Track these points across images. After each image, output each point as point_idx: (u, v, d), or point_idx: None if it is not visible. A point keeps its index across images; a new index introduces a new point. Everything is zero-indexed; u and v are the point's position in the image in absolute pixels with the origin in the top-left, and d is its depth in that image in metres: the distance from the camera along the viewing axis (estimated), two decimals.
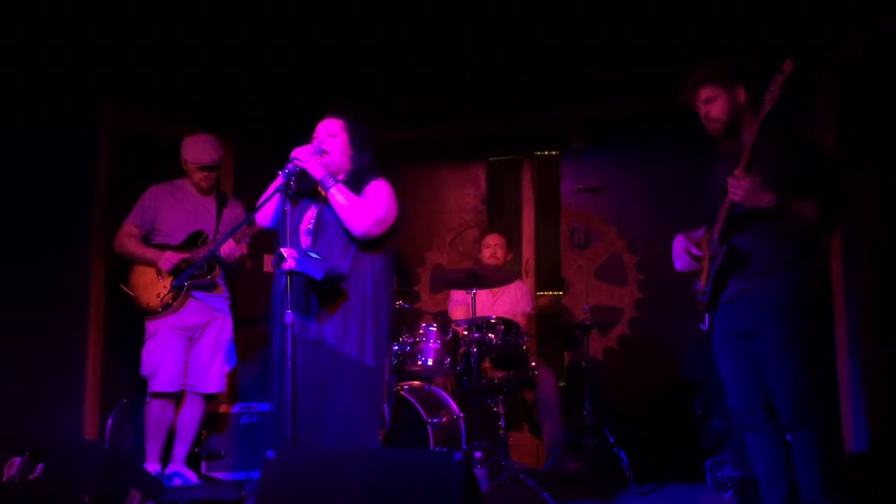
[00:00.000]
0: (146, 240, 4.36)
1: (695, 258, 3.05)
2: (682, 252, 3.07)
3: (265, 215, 3.39)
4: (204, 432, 4.65)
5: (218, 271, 4.39)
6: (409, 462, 2.59)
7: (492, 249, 5.11)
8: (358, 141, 3.43)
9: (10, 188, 4.42)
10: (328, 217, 3.31)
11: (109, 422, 4.61)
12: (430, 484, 2.50)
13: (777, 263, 2.86)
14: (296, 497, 2.57)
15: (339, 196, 3.26)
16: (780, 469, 2.90)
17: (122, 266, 4.38)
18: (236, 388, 5.37)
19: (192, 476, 4.37)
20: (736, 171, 2.80)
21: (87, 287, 4.75)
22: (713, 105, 3.01)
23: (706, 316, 3.03)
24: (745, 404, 2.98)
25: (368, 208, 3.28)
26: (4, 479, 2.94)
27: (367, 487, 2.52)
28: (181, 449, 4.38)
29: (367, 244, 3.30)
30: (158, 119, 5.11)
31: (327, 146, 3.37)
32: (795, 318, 2.81)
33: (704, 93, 3.01)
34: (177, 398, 4.35)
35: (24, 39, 4.33)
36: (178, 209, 4.37)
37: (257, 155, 5.33)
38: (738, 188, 2.78)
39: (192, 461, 4.53)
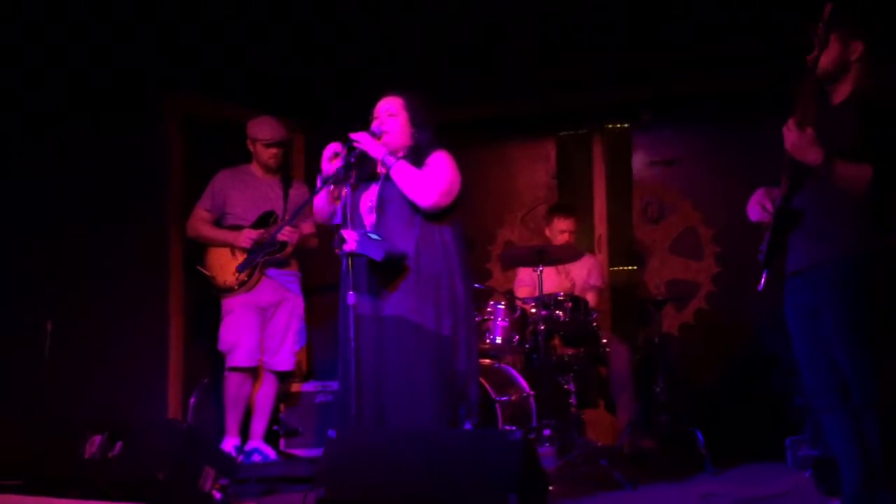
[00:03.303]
0: (218, 223, 4.48)
1: (766, 211, 2.95)
2: (755, 204, 2.98)
3: (321, 209, 3.43)
4: (282, 407, 4.77)
5: (290, 248, 4.47)
6: (468, 442, 2.61)
7: (566, 235, 4.98)
8: (418, 118, 3.42)
9: (88, 180, 4.60)
10: (389, 193, 3.32)
11: (192, 401, 4.79)
12: (489, 463, 2.52)
13: (834, 230, 2.74)
14: (356, 476, 2.62)
15: (401, 172, 3.27)
16: (856, 450, 2.79)
17: (198, 248, 4.51)
18: (312, 366, 5.50)
19: (271, 453, 4.49)
20: (789, 122, 2.70)
21: (166, 270, 4.91)
22: (825, 53, 2.88)
23: (764, 274, 2.93)
24: (818, 385, 2.88)
25: (433, 180, 3.26)
26: (86, 455, 3.07)
27: (425, 467, 2.55)
28: (259, 426, 4.50)
29: (433, 216, 3.30)
30: (230, 104, 5.20)
31: (386, 126, 3.37)
32: (861, 297, 2.69)
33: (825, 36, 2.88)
34: (254, 374, 4.47)
35: (73, 35, 4.46)
36: (246, 192, 4.48)
37: (328, 138, 5.39)
38: (787, 139, 2.70)
39: (272, 439, 4.66)
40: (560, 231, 4.99)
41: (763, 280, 2.93)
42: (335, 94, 5.49)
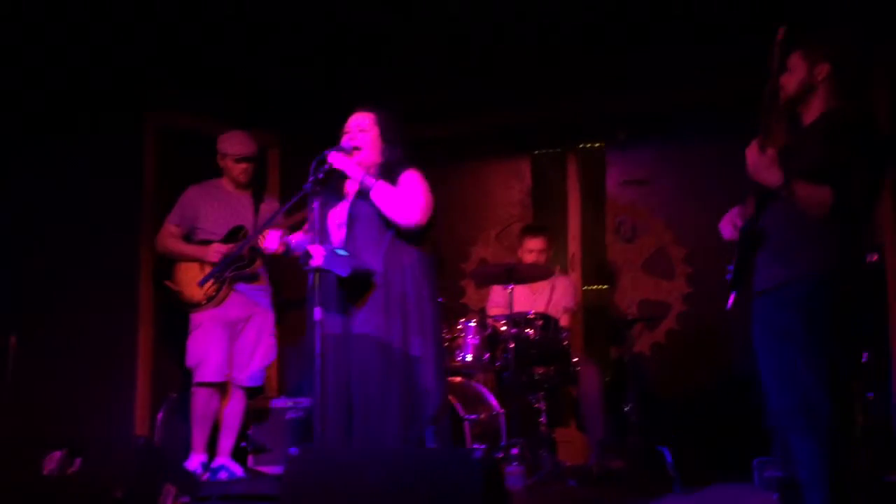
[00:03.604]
0: (188, 238, 4.46)
1: (737, 229, 2.96)
2: (727, 222, 2.99)
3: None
4: (251, 426, 4.72)
5: (259, 262, 4.44)
6: (430, 460, 2.59)
7: (535, 255, 4.99)
8: (389, 135, 3.43)
9: (60, 188, 4.56)
10: (360, 211, 3.33)
11: (160, 416, 4.73)
12: (450, 482, 2.50)
13: (800, 250, 2.75)
14: (317, 494, 2.59)
15: (382, 193, 3.27)
16: (820, 472, 2.79)
17: (166, 263, 4.48)
18: (283, 382, 5.45)
19: (238, 469, 4.44)
20: (752, 143, 2.71)
21: (136, 283, 4.87)
22: (790, 75, 2.89)
23: (732, 294, 2.94)
24: (784, 405, 2.87)
25: (412, 199, 3.27)
26: (45, 472, 3.02)
27: (386, 485, 2.53)
28: (226, 442, 4.45)
29: (405, 234, 3.30)
30: (205, 116, 5.17)
31: (357, 142, 3.38)
32: (826, 318, 2.69)
33: (790, 60, 2.90)
34: (222, 390, 4.42)
35: (69, 39, 4.43)
36: (216, 207, 4.46)
37: (302, 151, 5.37)
38: (748, 160, 2.70)
39: (240, 455, 4.61)
40: (528, 251, 5.00)
41: (731, 300, 2.94)
42: (310, 108, 5.48)
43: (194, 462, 4.33)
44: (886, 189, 4.20)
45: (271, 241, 3.62)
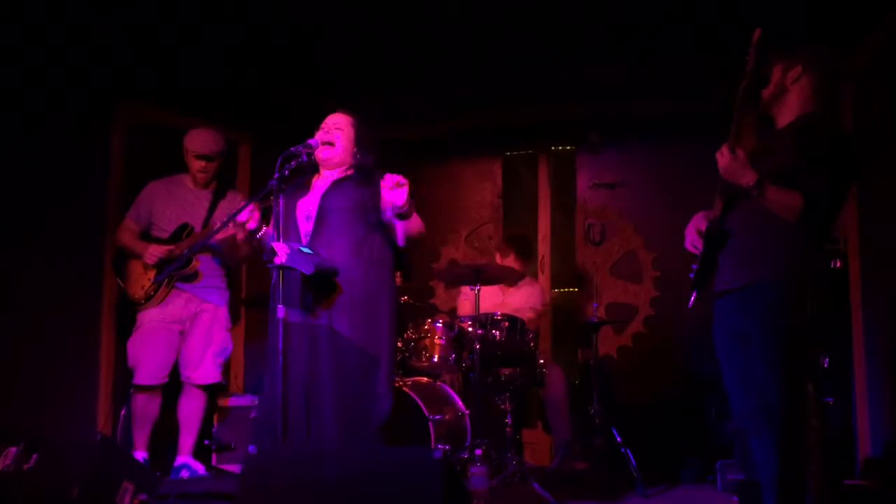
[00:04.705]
0: (146, 234, 4.41)
1: (699, 234, 2.97)
2: (692, 229, 3.00)
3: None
4: (215, 422, 4.67)
5: (196, 263, 4.36)
6: (389, 460, 2.57)
7: (509, 262, 5.03)
8: (363, 141, 3.47)
9: (27, 184, 4.49)
10: (331, 205, 3.33)
11: (122, 412, 4.67)
12: (410, 482, 2.49)
13: (764, 252, 2.77)
14: (275, 492, 2.56)
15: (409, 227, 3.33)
16: (778, 474, 2.82)
17: (122, 259, 4.43)
18: (247, 380, 5.41)
19: (200, 468, 4.38)
20: (722, 147, 2.73)
21: (100, 280, 4.79)
22: (769, 87, 2.92)
23: (693, 294, 2.95)
24: (745, 408, 2.90)
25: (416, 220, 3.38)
26: (0, 468, 2.97)
27: (345, 484, 2.51)
28: (187, 441, 4.38)
29: (381, 231, 3.33)
30: (177, 113, 5.11)
31: (332, 138, 3.42)
32: (787, 321, 2.71)
33: (770, 74, 2.93)
34: (163, 392, 4.35)
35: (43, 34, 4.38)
36: (172, 203, 4.40)
37: (274, 147, 5.34)
38: (720, 163, 2.72)
39: (204, 453, 4.56)
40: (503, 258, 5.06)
41: (692, 299, 2.96)
42: (282, 105, 5.45)
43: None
44: (851, 197, 4.25)
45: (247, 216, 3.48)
